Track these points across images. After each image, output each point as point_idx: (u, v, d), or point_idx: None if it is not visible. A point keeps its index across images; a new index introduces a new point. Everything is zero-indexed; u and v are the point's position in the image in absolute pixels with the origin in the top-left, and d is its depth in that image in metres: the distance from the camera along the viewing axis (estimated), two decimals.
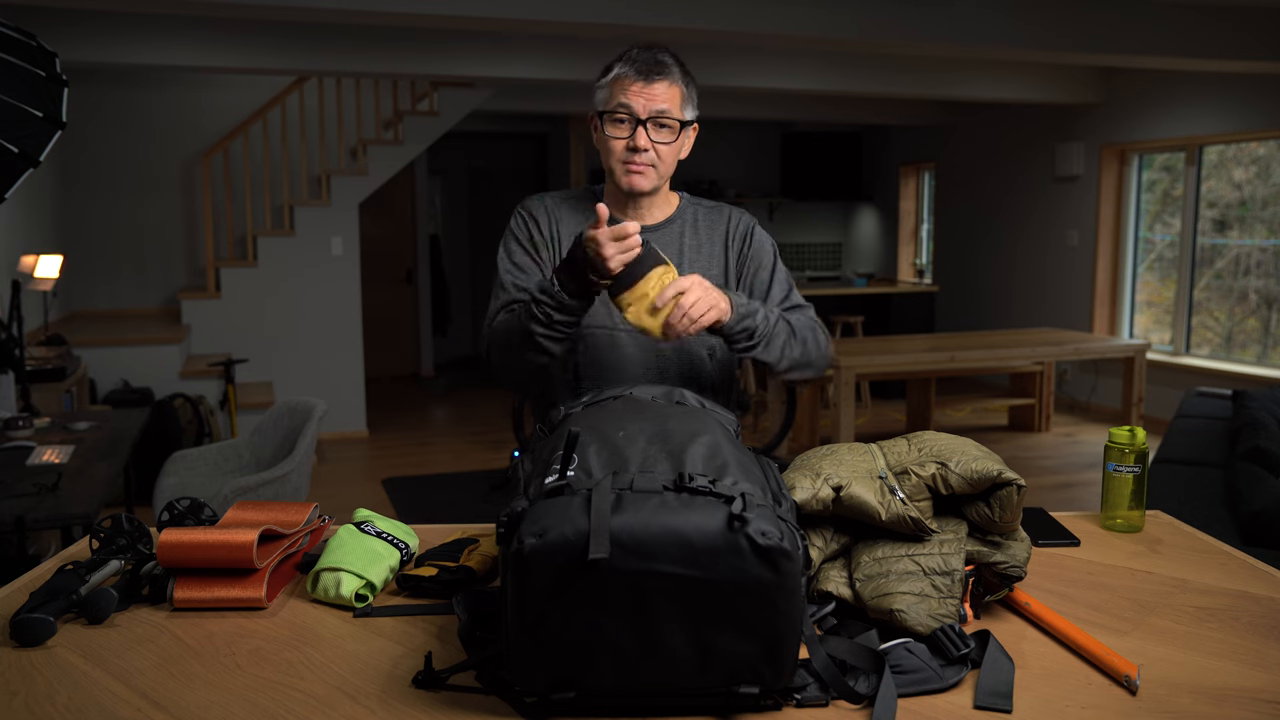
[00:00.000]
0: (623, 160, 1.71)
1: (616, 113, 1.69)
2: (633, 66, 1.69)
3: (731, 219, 1.86)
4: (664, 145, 1.71)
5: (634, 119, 1.68)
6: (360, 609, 1.28)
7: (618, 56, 1.73)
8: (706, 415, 1.21)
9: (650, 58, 1.70)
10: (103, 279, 7.21)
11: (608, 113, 1.71)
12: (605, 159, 1.75)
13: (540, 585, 0.94)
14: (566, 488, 0.99)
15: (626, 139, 1.70)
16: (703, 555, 0.94)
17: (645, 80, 1.68)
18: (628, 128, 1.70)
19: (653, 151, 1.70)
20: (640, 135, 1.69)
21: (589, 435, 1.09)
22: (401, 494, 5.46)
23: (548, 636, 0.96)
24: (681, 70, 1.74)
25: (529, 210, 1.83)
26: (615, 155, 1.72)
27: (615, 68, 1.71)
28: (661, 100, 1.68)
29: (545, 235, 1.81)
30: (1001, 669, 1.10)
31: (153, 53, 5.48)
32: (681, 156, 1.78)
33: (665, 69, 1.70)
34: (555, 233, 1.80)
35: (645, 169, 1.71)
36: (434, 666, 1.08)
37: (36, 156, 2.27)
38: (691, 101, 1.75)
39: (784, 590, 0.96)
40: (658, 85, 1.68)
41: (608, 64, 1.74)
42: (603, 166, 1.76)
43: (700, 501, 0.96)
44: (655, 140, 1.70)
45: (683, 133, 1.74)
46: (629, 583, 0.94)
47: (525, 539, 0.94)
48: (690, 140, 1.79)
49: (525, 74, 6.06)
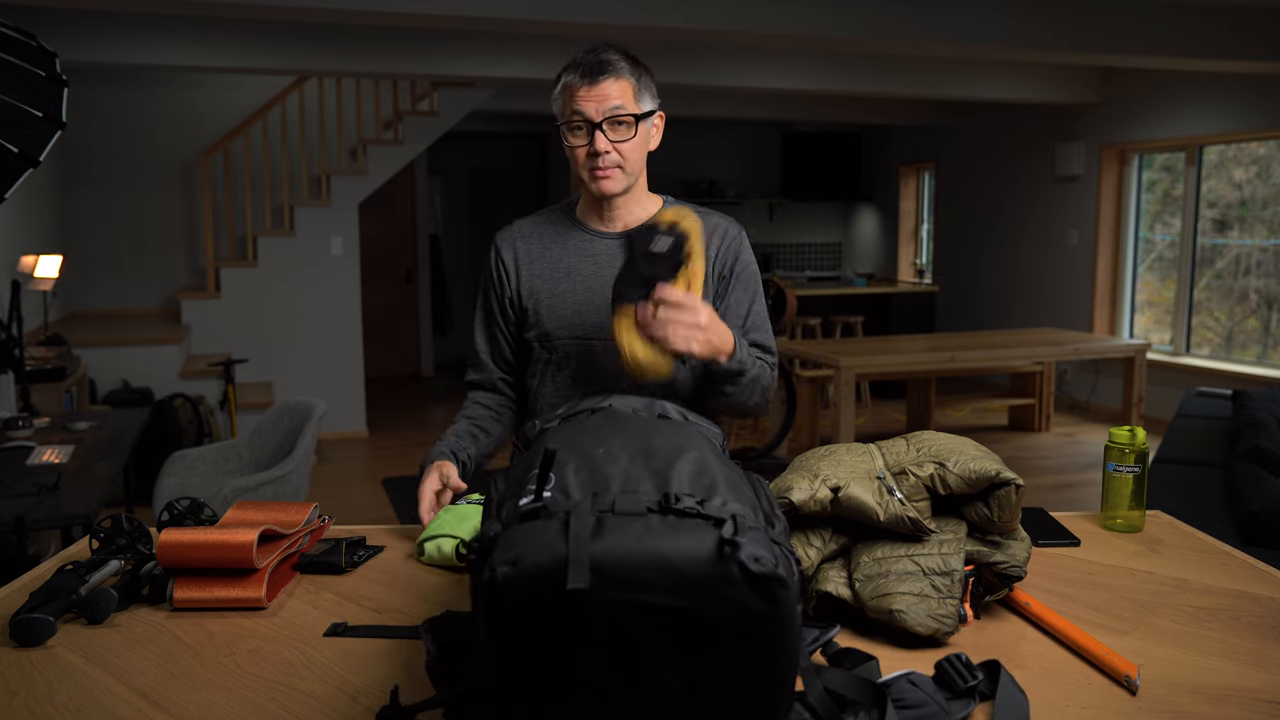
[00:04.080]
0: (588, 167, 1.71)
1: (572, 121, 1.68)
2: (577, 72, 1.67)
3: (718, 231, 1.82)
4: (624, 143, 1.69)
5: (589, 124, 1.67)
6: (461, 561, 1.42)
7: (564, 65, 1.72)
8: (691, 429, 1.14)
9: (593, 59, 1.68)
10: (103, 279, 7.21)
11: (565, 123, 1.70)
12: (574, 169, 1.75)
13: (515, 618, 0.86)
14: (543, 510, 0.91)
15: (586, 145, 1.69)
16: (691, 584, 0.86)
17: (590, 82, 1.66)
18: (585, 134, 1.69)
19: (614, 153, 1.69)
20: (599, 139, 1.67)
21: (567, 453, 1.00)
22: (402, 494, 5.46)
23: (523, 673, 0.88)
24: (630, 63, 1.70)
25: (497, 247, 1.87)
26: (580, 163, 1.72)
27: (563, 76, 1.70)
28: (613, 98, 1.66)
29: (510, 268, 1.84)
30: (1016, 704, 1.03)
31: (153, 53, 5.49)
32: (651, 149, 1.76)
33: (608, 67, 1.67)
34: (516, 263, 1.83)
35: (611, 171, 1.70)
36: (400, 701, 1.04)
37: (36, 156, 2.27)
38: (648, 91, 1.73)
39: (779, 621, 0.88)
40: (604, 84, 1.66)
41: (556, 74, 1.73)
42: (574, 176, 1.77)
43: (688, 524, 0.89)
44: (614, 140, 1.68)
45: (641, 125, 1.71)
46: (611, 615, 0.86)
47: (498, 568, 0.86)
48: (658, 131, 1.77)
49: (525, 74, 6.06)
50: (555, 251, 1.81)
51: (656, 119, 1.76)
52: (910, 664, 1.11)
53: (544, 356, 1.80)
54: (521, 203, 10.06)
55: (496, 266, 1.85)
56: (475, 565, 0.92)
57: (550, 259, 1.81)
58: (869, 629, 1.22)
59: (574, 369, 1.78)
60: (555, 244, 1.82)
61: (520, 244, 1.84)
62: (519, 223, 1.88)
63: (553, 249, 1.81)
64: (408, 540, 1.59)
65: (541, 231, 1.84)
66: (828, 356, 5.53)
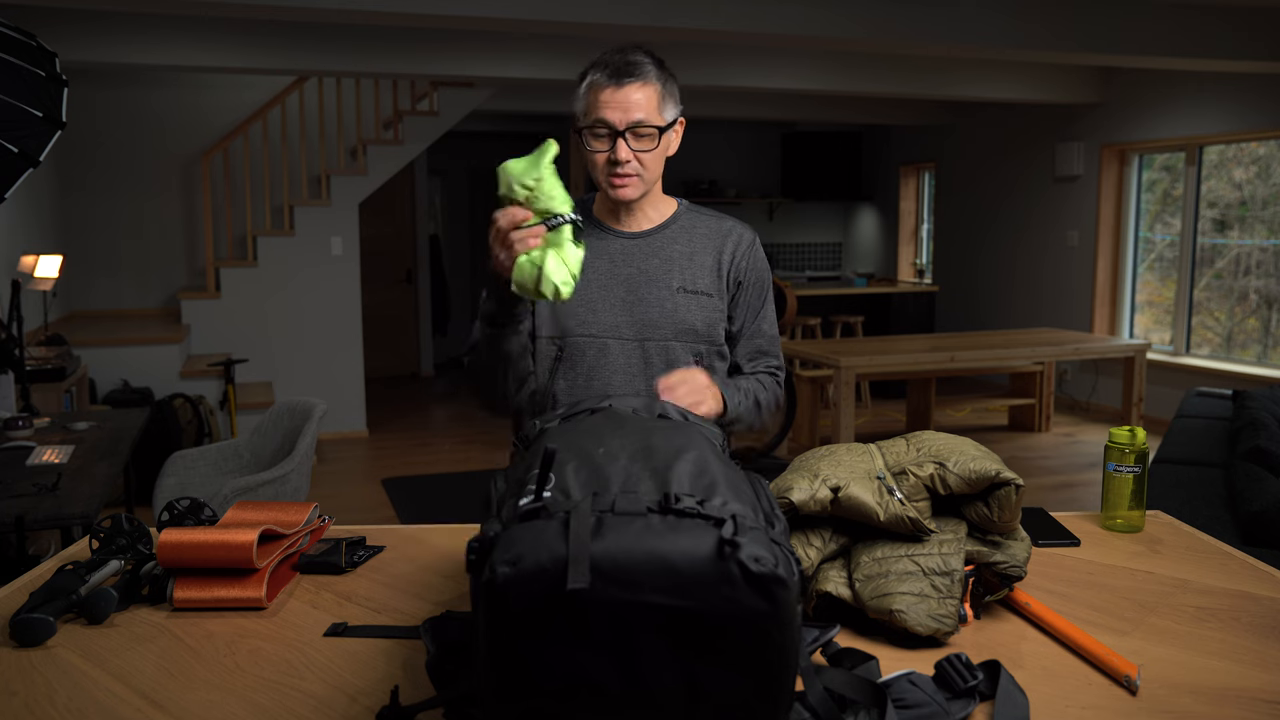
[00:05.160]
0: (607, 173, 1.71)
1: (595, 127, 1.68)
2: (604, 71, 1.67)
3: (731, 236, 1.83)
4: (646, 153, 1.70)
5: (612, 131, 1.67)
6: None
7: (591, 63, 1.71)
8: (691, 429, 1.14)
9: (621, 60, 1.67)
10: (103, 279, 7.21)
11: (587, 128, 1.69)
12: (591, 171, 1.75)
13: (514, 618, 0.87)
14: (543, 510, 0.91)
15: (607, 152, 1.69)
16: (691, 584, 0.86)
17: (617, 84, 1.65)
18: (607, 141, 1.68)
19: (635, 161, 1.69)
20: (620, 147, 1.68)
21: (567, 452, 1.00)
22: (401, 494, 5.46)
23: (522, 673, 0.88)
24: (658, 68, 1.70)
25: None
26: (599, 168, 1.72)
27: (589, 74, 1.70)
28: (638, 109, 1.66)
29: None
30: (1016, 705, 1.04)
31: (153, 53, 5.49)
32: (669, 154, 1.76)
33: (636, 69, 1.67)
34: None
35: (630, 179, 1.71)
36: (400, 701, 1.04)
37: (36, 156, 2.27)
38: (672, 99, 1.73)
39: (779, 621, 0.88)
40: (631, 89, 1.66)
41: (582, 71, 1.72)
42: (590, 175, 1.76)
43: (687, 524, 0.89)
44: (636, 150, 1.69)
45: (664, 136, 1.71)
46: (611, 614, 0.86)
47: (498, 568, 0.86)
48: (677, 137, 1.77)
49: (525, 74, 6.06)
50: None
51: (677, 126, 1.76)
52: (910, 664, 1.11)
53: (553, 353, 1.79)
54: None
55: None
56: (475, 565, 0.91)
57: None
58: (869, 629, 1.22)
59: (585, 366, 1.78)
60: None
61: None
62: None
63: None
64: (408, 540, 1.59)
65: None
66: (828, 356, 5.53)
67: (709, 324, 1.79)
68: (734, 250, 1.82)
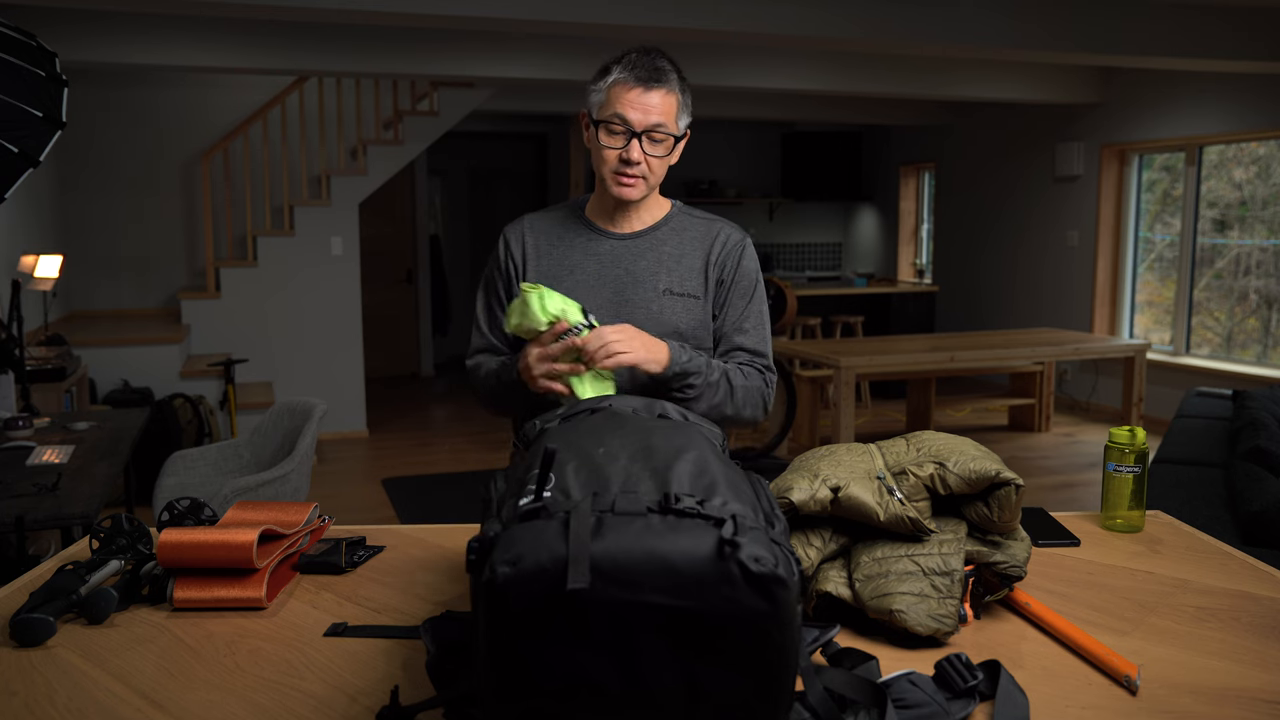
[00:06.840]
0: (615, 171, 1.71)
1: (612, 123, 1.69)
2: (631, 72, 1.68)
3: (720, 237, 1.83)
4: (657, 159, 1.71)
5: (629, 131, 1.68)
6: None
7: (615, 59, 1.71)
8: (691, 429, 1.14)
9: (649, 64, 1.68)
10: (103, 279, 7.21)
11: (603, 121, 1.70)
12: (597, 165, 1.75)
13: (514, 618, 0.87)
14: (543, 510, 0.91)
15: (620, 150, 1.70)
16: (691, 584, 0.86)
17: (644, 87, 1.67)
18: (622, 139, 1.69)
19: (645, 164, 1.70)
20: (634, 148, 1.68)
21: (567, 452, 1.00)
22: (401, 494, 5.46)
23: (522, 673, 0.88)
24: (679, 77, 1.73)
25: (506, 239, 1.87)
26: (608, 165, 1.72)
27: (614, 71, 1.70)
28: (658, 113, 1.68)
29: (518, 261, 1.84)
30: (1016, 705, 1.04)
31: (153, 53, 5.49)
32: (671, 163, 1.77)
33: (663, 76, 1.68)
34: (524, 256, 1.83)
35: (637, 181, 1.72)
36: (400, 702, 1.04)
37: (36, 156, 2.27)
38: (686, 109, 1.75)
39: (779, 621, 0.88)
40: (655, 94, 1.67)
41: (605, 65, 1.73)
42: (594, 169, 1.76)
43: (687, 524, 0.89)
44: (649, 153, 1.70)
45: (677, 144, 1.74)
46: (611, 614, 0.86)
47: (498, 568, 0.86)
48: (681, 147, 1.78)
49: (525, 74, 6.06)
50: (562, 249, 1.82)
51: (686, 135, 1.77)
52: (910, 664, 1.11)
53: None
54: (521, 203, 10.06)
55: (506, 258, 1.85)
56: (475, 565, 0.91)
57: (557, 256, 1.82)
58: (869, 629, 1.22)
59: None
60: (563, 241, 1.82)
61: (529, 238, 1.84)
62: (528, 217, 1.88)
63: (560, 246, 1.82)
64: (408, 540, 1.59)
65: (550, 227, 1.85)
66: (828, 356, 5.53)
67: (694, 326, 1.79)
68: (721, 250, 1.82)
